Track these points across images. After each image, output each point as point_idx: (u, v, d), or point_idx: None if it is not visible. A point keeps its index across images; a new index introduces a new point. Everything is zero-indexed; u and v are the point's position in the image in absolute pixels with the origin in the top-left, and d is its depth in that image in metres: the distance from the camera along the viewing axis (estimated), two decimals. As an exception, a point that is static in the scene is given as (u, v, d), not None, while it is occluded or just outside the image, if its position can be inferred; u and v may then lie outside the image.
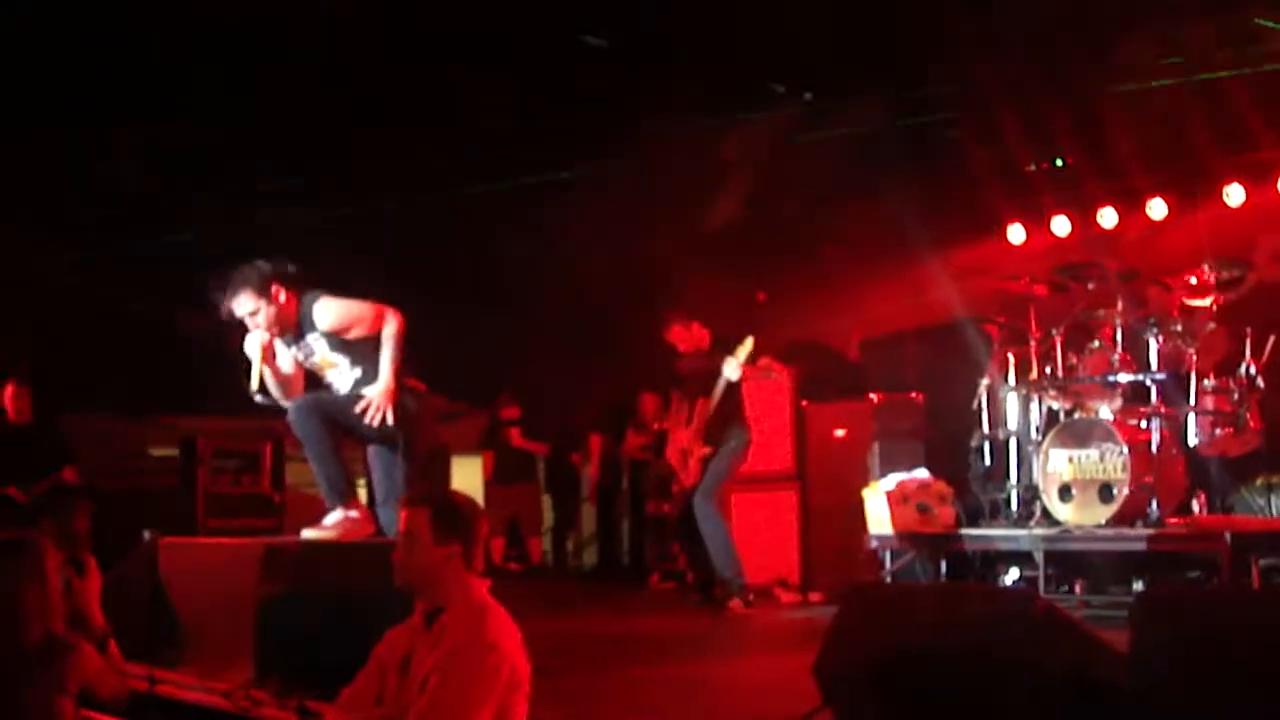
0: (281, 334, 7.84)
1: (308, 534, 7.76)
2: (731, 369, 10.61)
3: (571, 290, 13.48)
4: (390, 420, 7.64)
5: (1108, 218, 13.02)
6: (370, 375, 7.75)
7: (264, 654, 6.91)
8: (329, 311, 7.80)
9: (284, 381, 7.92)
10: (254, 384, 7.80)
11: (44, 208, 13.23)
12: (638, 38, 11.70)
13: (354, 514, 7.72)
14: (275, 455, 12.66)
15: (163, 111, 12.17)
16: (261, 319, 7.73)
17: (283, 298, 7.76)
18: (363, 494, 9.06)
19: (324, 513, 7.78)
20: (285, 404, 7.83)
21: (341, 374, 7.90)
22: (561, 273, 13.34)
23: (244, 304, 7.73)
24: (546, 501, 16.34)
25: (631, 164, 12.71)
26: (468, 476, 15.84)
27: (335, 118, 12.35)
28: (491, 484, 15.92)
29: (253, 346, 7.76)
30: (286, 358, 7.96)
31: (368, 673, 4.91)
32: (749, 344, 10.57)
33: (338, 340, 7.84)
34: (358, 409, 7.63)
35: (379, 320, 7.76)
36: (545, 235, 13.31)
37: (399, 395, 7.69)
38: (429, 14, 10.99)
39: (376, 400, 7.63)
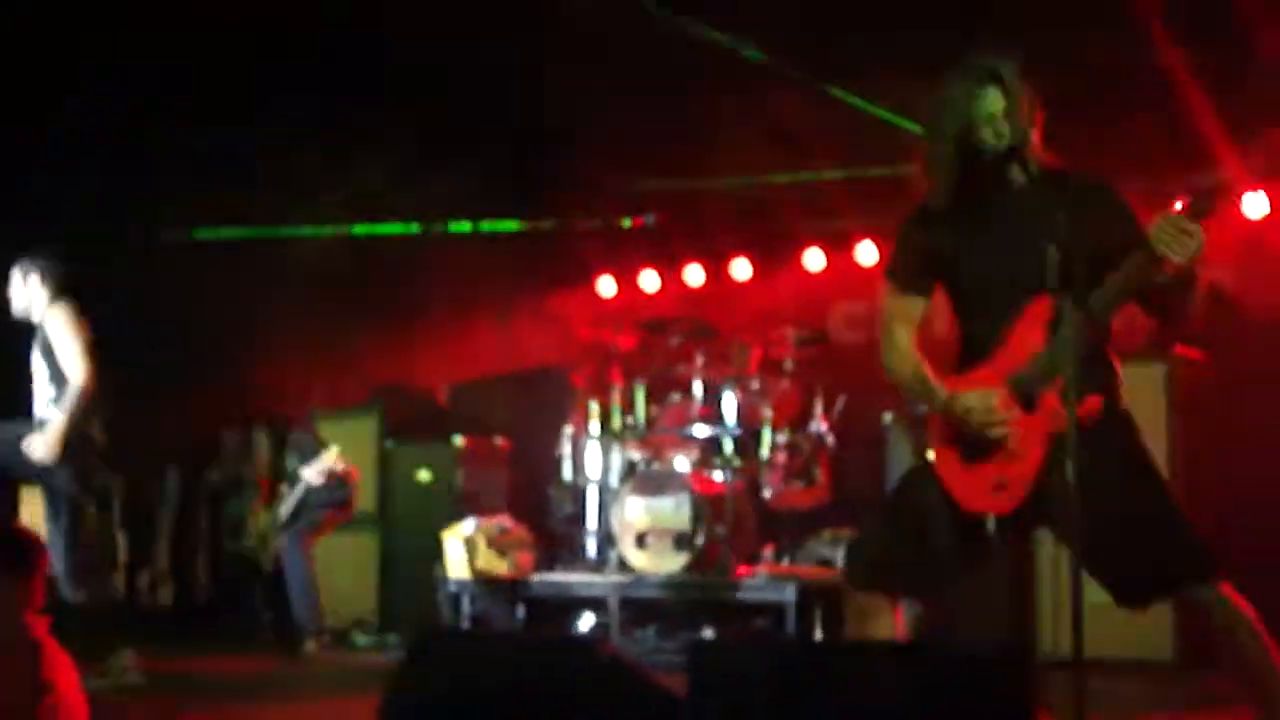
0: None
1: None
2: (311, 474, 10.64)
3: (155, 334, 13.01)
4: (51, 463, 8.03)
5: (694, 275, 13.37)
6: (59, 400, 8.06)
7: None
8: (57, 320, 8.12)
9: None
10: None
11: None
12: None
13: None
14: None
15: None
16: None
17: None
18: None
19: None
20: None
21: (41, 383, 8.24)
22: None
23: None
24: (122, 536, 15.84)
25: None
26: (38, 508, 15.21)
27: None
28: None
29: None
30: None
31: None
32: (333, 453, 10.60)
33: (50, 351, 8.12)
34: (24, 446, 7.99)
35: (74, 366, 8.02)
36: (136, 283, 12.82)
37: (67, 444, 8.03)
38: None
39: (41, 444, 7.97)
